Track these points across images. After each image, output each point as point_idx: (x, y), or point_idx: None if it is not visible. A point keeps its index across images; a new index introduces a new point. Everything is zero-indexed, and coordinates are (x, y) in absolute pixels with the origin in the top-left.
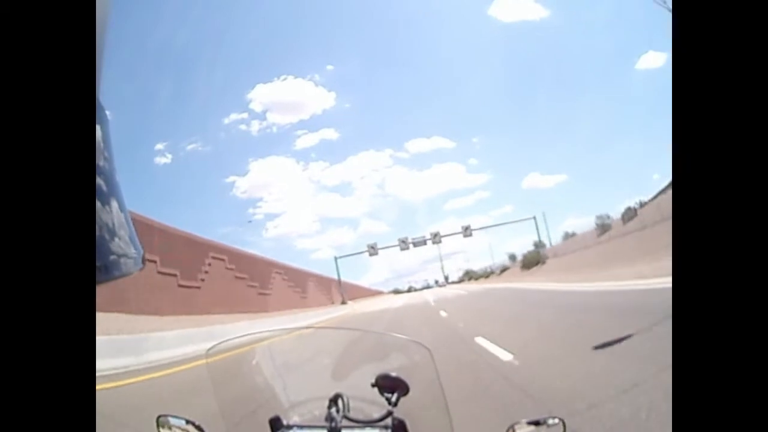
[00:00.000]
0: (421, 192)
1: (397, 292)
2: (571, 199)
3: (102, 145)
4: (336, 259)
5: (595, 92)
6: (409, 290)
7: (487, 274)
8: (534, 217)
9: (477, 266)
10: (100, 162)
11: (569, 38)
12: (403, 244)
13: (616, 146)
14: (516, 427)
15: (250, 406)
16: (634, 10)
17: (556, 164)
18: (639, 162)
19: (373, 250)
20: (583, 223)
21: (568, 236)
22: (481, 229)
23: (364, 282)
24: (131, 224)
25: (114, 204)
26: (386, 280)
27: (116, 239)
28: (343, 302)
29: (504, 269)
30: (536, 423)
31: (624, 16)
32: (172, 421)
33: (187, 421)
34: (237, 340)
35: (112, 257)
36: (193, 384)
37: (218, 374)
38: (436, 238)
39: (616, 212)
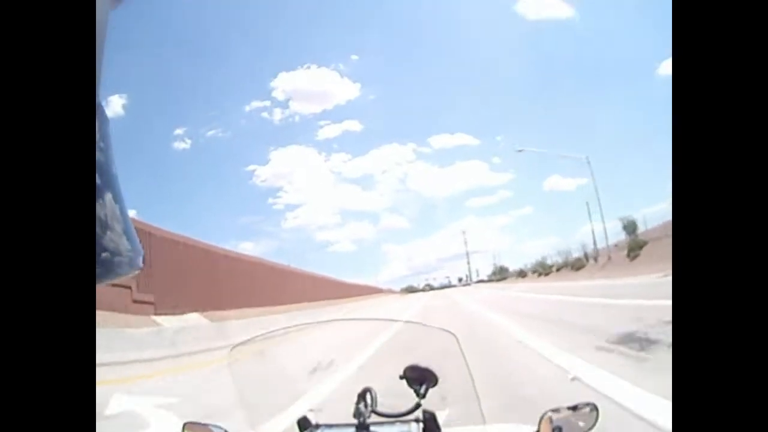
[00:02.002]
0: (443, 188)
1: (410, 290)
2: (591, 202)
3: (102, 144)
4: None
5: (619, 96)
6: (425, 289)
7: (545, 270)
8: None
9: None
10: (99, 161)
11: (595, 38)
12: None
13: (637, 151)
14: (551, 413)
15: (276, 407)
16: (659, 12)
17: (577, 167)
18: (660, 169)
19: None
20: (607, 227)
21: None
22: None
23: (375, 279)
24: (130, 223)
25: (113, 204)
26: (402, 278)
27: (115, 239)
28: None
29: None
30: (574, 408)
31: (650, 18)
32: (199, 427)
33: (216, 426)
34: (259, 338)
35: (112, 257)
36: None
37: (241, 374)
38: None
39: (638, 216)
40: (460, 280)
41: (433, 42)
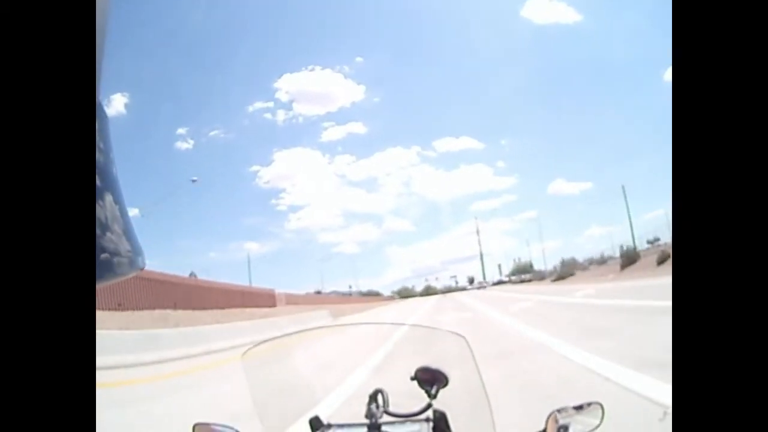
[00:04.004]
0: (447, 192)
1: (404, 295)
2: (594, 207)
3: (102, 145)
4: None
5: (625, 100)
6: (428, 292)
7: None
8: None
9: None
10: (99, 162)
11: (600, 43)
12: None
13: (642, 156)
14: (557, 413)
15: (289, 407)
16: (666, 18)
17: (581, 171)
18: (664, 174)
19: None
20: (607, 231)
21: None
22: None
23: (379, 281)
24: (131, 225)
25: (113, 205)
26: (405, 280)
27: (115, 240)
28: None
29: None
30: (579, 408)
31: (656, 24)
32: (210, 427)
33: (226, 427)
34: (272, 340)
35: (111, 257)
36: None
37: (254, 376)
38: None
39: (639, 222)
40: (471, 281)
41: (439, 45)
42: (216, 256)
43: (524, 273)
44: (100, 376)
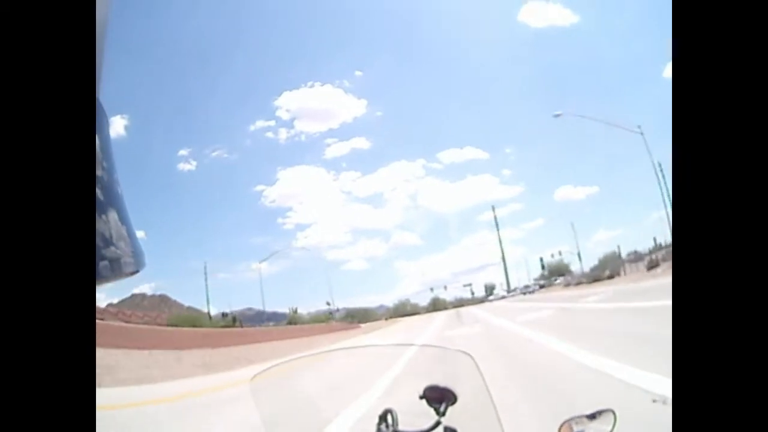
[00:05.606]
0: (453, 204)
1: (400, 313)
2: (601, 211)
3: (102, 145)
4: None
5: (629, 101)
6: (435, 307)
7: None
8: None
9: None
10: (99, 161)
11: (600, 45)
12: None
13: (646, 158)
14: (570, 422)
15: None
16: (664, 16)
17: (587, 176)
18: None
19: None
20: (616, 235)
21: None
22: None
23: (389, 296)
24: (131, 224)
25: (112, 204)
26: (416, 294)
27: (114, 240)
28: None
29: None
30: (591, 416)
31: (654, 22)
32: None
33: None
34: (280, 365)
35: (111, 258)
36: None
37: (263, 400)
38: None
39: (646, 224)
40: (490, 290)
41: (437, 55)
42: (225, 277)
43: (560, 275)
44: None
